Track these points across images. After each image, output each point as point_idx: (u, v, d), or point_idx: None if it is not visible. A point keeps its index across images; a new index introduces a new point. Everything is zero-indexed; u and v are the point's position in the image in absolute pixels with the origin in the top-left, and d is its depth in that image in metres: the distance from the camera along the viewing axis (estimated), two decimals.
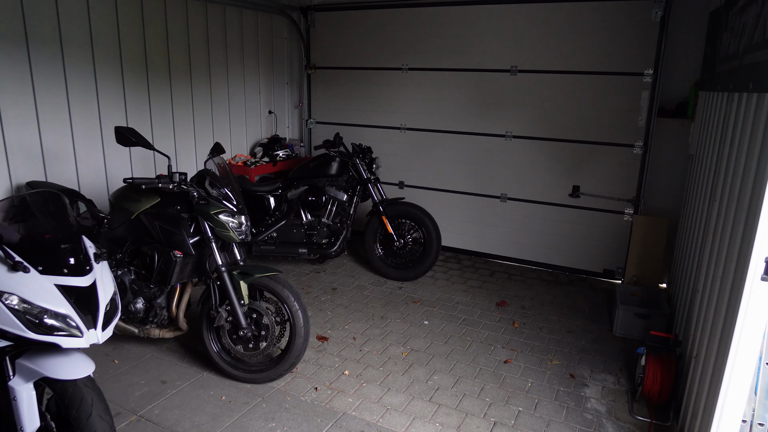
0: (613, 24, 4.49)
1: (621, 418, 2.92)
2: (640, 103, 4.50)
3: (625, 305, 3.85)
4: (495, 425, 2.86)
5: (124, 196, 3.17)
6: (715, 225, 2.57)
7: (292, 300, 3.04)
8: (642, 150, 4.57)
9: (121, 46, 4.29)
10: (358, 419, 2.89)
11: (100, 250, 2.30)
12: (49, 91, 3.85)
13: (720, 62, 3.08)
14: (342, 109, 5.94)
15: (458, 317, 4.12)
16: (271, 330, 3.10)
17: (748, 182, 2.02)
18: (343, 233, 4.82)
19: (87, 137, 4.16)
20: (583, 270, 5.05)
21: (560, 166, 4.93)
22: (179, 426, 2.80)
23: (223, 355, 3.22)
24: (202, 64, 5.06)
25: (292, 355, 3.08)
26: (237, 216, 3.03)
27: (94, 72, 4.13)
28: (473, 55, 5.09)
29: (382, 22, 5.47)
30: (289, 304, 3.04)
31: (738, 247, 2.05)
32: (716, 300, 2.30)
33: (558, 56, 4.75)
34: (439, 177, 5.52)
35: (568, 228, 5.01)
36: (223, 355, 3.21)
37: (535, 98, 4.91)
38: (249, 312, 3.10)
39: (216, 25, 5.14)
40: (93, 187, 4.29)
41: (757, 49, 2.03)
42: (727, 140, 2.58)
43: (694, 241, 3.25)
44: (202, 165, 3.29)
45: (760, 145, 1.93)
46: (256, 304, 3.09)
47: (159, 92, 4.69)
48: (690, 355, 2.74)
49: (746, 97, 2.25)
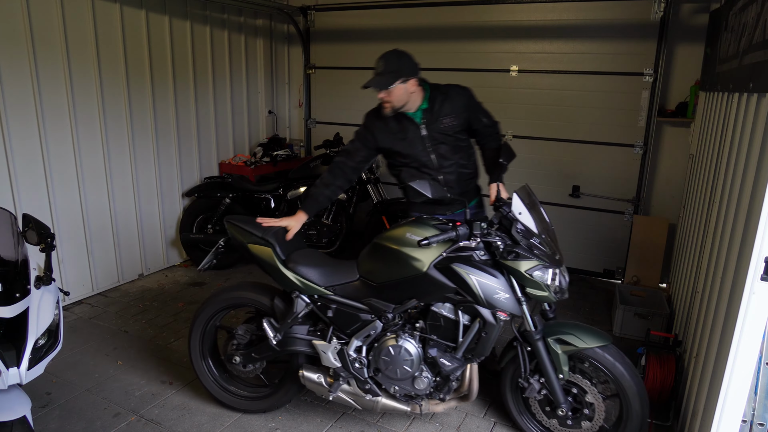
0: (613, 24, 4.49)
1: None
2: (640, 103, 4.50)
3: (625, 305, 3.84)
4: (495, 425, 2.86)
5: (404, 239, 2.40)
6: (715, 225, 2.57)
7: (627, 378, 2.39)
8: (642, 150, 4.57)
9: (125, 47, 4.28)
10: (358, 419, 2.88)
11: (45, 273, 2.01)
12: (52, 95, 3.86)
13: (720, 62, 3.07)
14: (342, 109, 5.93)
15: None
16: (598, 410, 2.48)
17: (748, 182, 2.01)
18: (343, 233, 4.82)
19: (89, 137, 4.17)
20: (583, 270, 5.05)
21: (560, 166, 4.93)
22: (179, 426, 2.80)
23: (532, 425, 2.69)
24: (203, 65, 5.06)
25: None
26: (553, 269, 2.32)
27: (99, 72, 4.13)
28: (473, 55, 5.09)
29: (382, 22, 5.47)
30: (623, 382, 2.39)
31: (738, 247, 2.04)
32: (716, 300, 2.29)
33: (558, 56, 4.75)
34: None
35: (568, 228, 5.01)
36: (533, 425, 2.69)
37: (535, 98, 4.91)
38: (566, 385, 2.52)
39: (216, 25, 5.14)
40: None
41: (757, 49, 2.03)
42: (727, 140, 2.58)
43: (694, 241, 3.25)
44: None
45: (760, 145, 1.93)
46: (576, 378, 2.48)
47: (161, 93, 4.68)
48: (690, 355, 2.74)
49: (746, 97, 2.25)
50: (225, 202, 4.80)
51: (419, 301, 2.44)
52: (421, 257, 2.35)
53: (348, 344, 2.55)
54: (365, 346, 2.56)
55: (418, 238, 2.31)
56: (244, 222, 2.72)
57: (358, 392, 2.62)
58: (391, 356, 2.48)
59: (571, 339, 2.39)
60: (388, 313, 2.47)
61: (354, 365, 2.56)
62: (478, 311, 2.35)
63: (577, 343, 2.38)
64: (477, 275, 2.29)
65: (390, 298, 2.48)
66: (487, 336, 2.38)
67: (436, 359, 2.45)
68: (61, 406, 2.93)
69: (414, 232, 2.38)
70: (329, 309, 2.57)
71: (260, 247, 2.63)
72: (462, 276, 2.29)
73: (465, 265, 2.30)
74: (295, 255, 2.64)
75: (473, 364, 2.52)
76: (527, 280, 2.28)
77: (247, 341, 2.82)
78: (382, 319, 2.49)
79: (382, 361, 2.51)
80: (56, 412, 2.89)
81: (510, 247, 2.28)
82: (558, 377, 2.43)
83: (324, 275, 2.58)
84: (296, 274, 2.56)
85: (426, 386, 2.51)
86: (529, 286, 2.29)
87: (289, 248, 2.68)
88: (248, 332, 2.81)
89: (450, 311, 2.42)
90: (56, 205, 4.00)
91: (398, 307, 2.47)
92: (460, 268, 2.30)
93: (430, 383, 2.52)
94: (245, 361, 2.79)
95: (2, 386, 1.80)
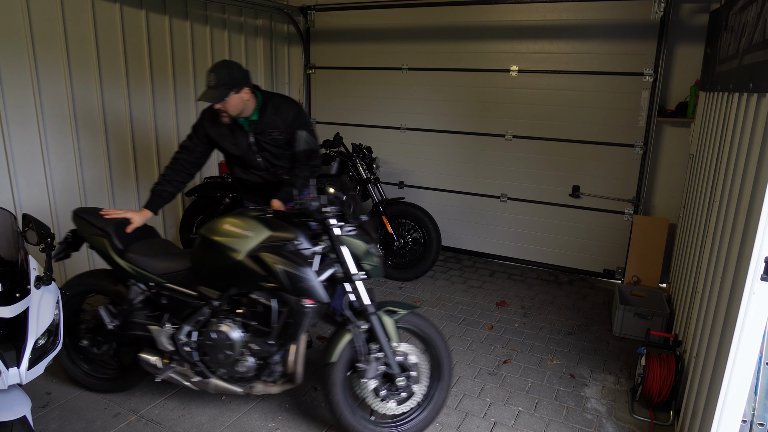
0: (613, 24, 4.49)
1: (621, 418, 2.92)
2: (640, 103, 4.50)
3: (625, 305, 3.85)
4: (495, 425, 2.86)
5: (222, 230, 2.53)
6: (715, 225, 2.57)
7: (439, 339, 2.63)
8: (642, 150, 4.57)
9: (125, 47, 4.28)
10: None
11: (45, 273, 2.04)
12: (52, 98, 3.86)
13: (720, 62, 3.08)
14: (342, 109, 5.94)
15: (458, 317, 4.12)
16: (422, 370, 2.61)
17: (748, 182, 2.01)
18: None
19: (89, 137, 4.17)
20: (583, 270, 5.05)
21: (560, 166, 4.93)
22: (179, 426, 2.80)
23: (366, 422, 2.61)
24: (204, 65, 5.06)
25: (436, 404, 2.65)
26: (375, 246, 2.54)
27: (99, 72, 4.13)
28: (473, 55, 5.09)
29: (382, 22, 5.47)
30: (436, 343, 2.62)
31: (738, 247, 2.04)
32: (716, 300, 2.30)
33: (558, 56, 4.75)
34: (439, 177, 5.52)
35: (568, 228, 5.01)
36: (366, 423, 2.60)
37: (535, 98, 4.91)
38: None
39: (217, 25, 5.14)
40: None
41: (757, 49, 2.03)
42: (727, 140, 2.58)
43: (694, 241, 3.25)
44: None
45: (760, 145, 1.93)
46: (401, 345, 2.58)
47: (162, 93, 4.69)
48: (690, 355, 2.74)
49: (746, 97, 2.25)
50: (225, 202, 4.79)
51: (238, 288, 2.57)
52: (237, 247, 2.47)
53: (180, 329, 2.67)
54: (195, 332, 2.67)
55: (236, 229, 2.50)
56: (89, 213, 2.85)
57: (190, 374, 2.74)
58: (215, 341, 2.59)
59: (395, 308, 2.56)
60: (214, 300, 2.61)
61: (184, 349, 2.67)
62: (286, 298, 2.45)
63: (400, 310, 2.55)
64: (283, 264, 2.40)
65: (215, 285, 2.63)
66: (296, 322, 2.48)
67: (254, 344, 2.57)
68: (61, 406, 2.93)
69: (232, 224, 2.52)
70: (163, 296, 2.73)
71: (97, 237, 2.77)
72: (269, 264, 2.42)
73: (273, 254, 2.42)
74: (136, 245, 2.77)
75: (298, 348, 2.61)
76: (365, 254, 2.48)
77: (93, 325, 2.95)
78: (210, 305, 2.62)
79: (208, 345, 2.62)
80: (56, 412, 2.89)
81: (348, 224, 2.48)
82: (392, 347, 2.53)
83: (159, 264, 2.72)
84: (131, 264, 2.71)
85: (248, 370, 2.60)
86: (365, 260, 2.49)
87: (132, 239, 2.81)
88: (95, 317, 2.93)
89: (265, 298, 2.53)
90: (56, 205, 4.00)
91: (223, 294, 2.60)
92: (267, 257, 2.42)
93: (253, 367, 2.60)
94: (92, 343, 2.94)
95: (2, 386, 1.79)
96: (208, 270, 2.61)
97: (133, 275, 2.73)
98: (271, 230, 2.47)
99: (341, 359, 2.54)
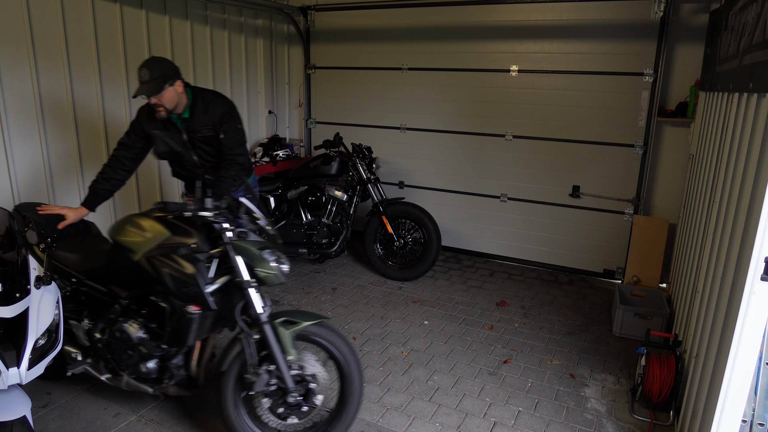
0: (613, 24, 4.49)
1: (621, 418, 2.92)
2: (640, 103, 4.50)
3: (625, 305, 3.85)
4: (495, 425, 2.86)
5: (124, 230, 2.51)
6: (715, 225, 2.57)
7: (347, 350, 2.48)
8: (642, 150, 4.57)
9: (125, 47, 4.28)
10: (358, 419, 2.88)
11: (45, 273, 2.04)
12: (52, 97, 3.86)
13: (720, 62, 3.08)
14: (342, 109, 5.94)
15: (458, 317, 4.12)
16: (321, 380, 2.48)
17: (748, 182, 2.01)
18: (343, 233, 4.83)
19: (89, 137, 4.17)
20: (583, 270, 5.05)
21: (560, 166, 4.93)
22: (179, 426, 2.80)
23: None
24: (204, 64, 5.06)
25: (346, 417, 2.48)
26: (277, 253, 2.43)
27: (99, 72, 4.13)
28: (473, 55, 5.09)
29: (382, 22, 5.47)
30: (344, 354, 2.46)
31: (738, 247, 2.04)
32: (716, 300, 2.30)
33: (558, 56, 4.75)
34: (439, 177, 5.52)
35: (568, 228, 5.01)
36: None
37: (535, 98, 4.91)
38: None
39: (217, 25, 5.14)
40: None
41: (757, 49, 2.03)
42: (727, 140, 2.58)
43: (694, 241, 3.25)
44: None
45: (760, 145, 1.93)
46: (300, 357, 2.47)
47: None
48: (690, 355, 2.74)
49: (746, 97, 2.25)
50: None
51: (139, 289, 2.57)
52: (135, 247, 2.45)
53: (96, 326, 2.68)
54: (108, 329, 2.67)
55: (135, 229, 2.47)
56: (27, 209, 2.86)
57: (102, 370, 2.75)
58: (118, 340, 2.59)
59: (295, 318, 2.42)
60: (122, 299, 2.61)
61: (97, 345, 2.68)
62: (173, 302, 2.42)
63: (301, 321, 2.41)
64: (169, 268, 2.35)
65: (123, 284, 2.63)
66: (182, 327, 2.42)
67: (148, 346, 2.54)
68: (61, 406, 2.93)
69: (134, 224, 2.50)
70: (82, 292, 2.75)
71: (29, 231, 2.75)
72: (157, 267, 2.37)
73: (163, 256, 2.37)
74: (63, 241, 2.76)
75: (201, 353, 2.60)
76: (258, 260, 2.35)
77: None
78: (120, 304, 2.62)
79: (113, 344, 2.63)
80: (56, 412, 2.89)
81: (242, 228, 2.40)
82: (287, 360, 2.38)
83: (81, 260, 2.72)
84: (55, 259, 2.72)
85: (150, 371, 2.57)
86: (258, 266, 2.35)
87: (63, 234, 2.80)
88: None
89: (163, 300, 2.49)
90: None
91: (129, 294, 2.61)
92: (156, 260, 2.38)
93: (154, 369, 2.58)
94: None
95: (2, 386, 1.80)
96: (116, 269, 2.62)
97: (55, 271, 2.73)
98: (170, 232, 2.42)
99: (232, 369, 2.46)
